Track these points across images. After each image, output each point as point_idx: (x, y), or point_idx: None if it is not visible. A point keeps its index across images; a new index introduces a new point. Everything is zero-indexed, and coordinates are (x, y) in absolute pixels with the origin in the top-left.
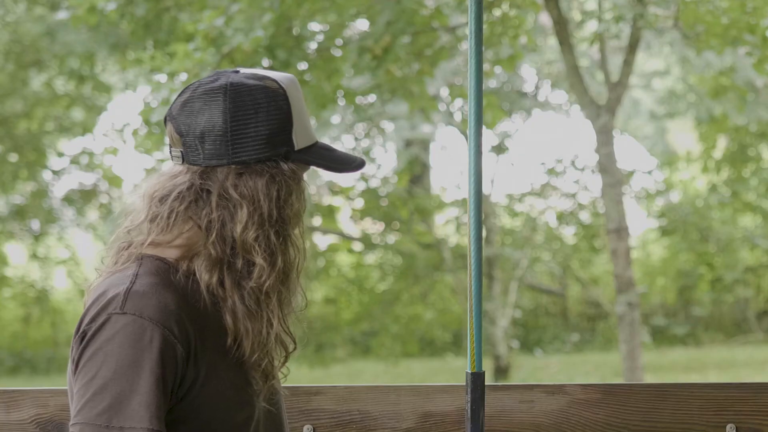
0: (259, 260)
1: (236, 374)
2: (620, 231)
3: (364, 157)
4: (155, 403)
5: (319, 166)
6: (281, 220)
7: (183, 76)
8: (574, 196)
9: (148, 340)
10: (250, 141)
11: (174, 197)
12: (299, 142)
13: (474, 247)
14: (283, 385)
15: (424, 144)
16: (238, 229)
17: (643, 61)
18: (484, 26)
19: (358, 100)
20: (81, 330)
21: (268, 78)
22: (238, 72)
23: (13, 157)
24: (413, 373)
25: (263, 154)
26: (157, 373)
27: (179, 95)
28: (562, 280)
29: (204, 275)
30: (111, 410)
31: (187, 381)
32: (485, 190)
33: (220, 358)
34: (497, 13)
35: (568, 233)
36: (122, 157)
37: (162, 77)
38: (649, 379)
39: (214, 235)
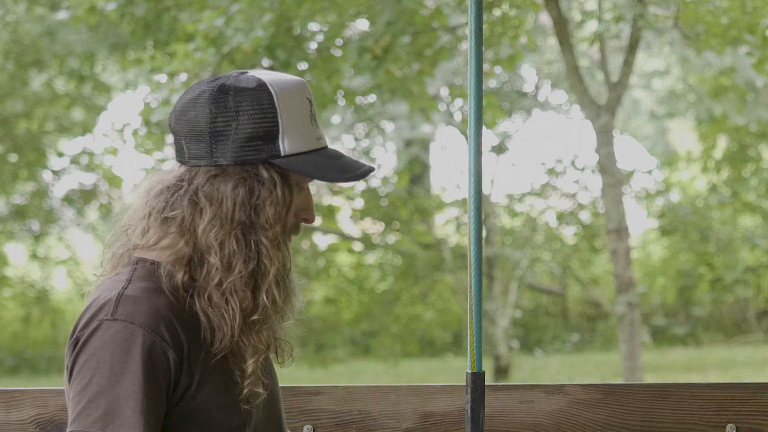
0: (213, 259)
1: (229, 378)
2: (620, 231)
3: (373, 165)
4: (149, 409)
5: (307, 174)
6: (248, 225)
7: (183, 77)
8: (574, 196)
9: (139, 346)
10: (230, 144)
11: (155, 195)
12: (290, 147)
13: (474, 247)
14: (282, 385)
15: (424, 144)
16: (200, 229)
17: (643, 61)
18: (484, 26)
19: (358, 100)
20: (74, 336)
21: (263, 80)
22: (245, 73)
23: (13, 157)
24: (413, 373)
25: (241, 158)
26: (149, 379)
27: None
28: (562, 280)
29: (176, 274)
30: (106, 417)
31: (181, 386)
32: (485, 190)
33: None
34: (497, 13)
35: (568, 233)
36: (122, 157)
37: (162, 77)
38: (649, 379)
39: (183, 234)
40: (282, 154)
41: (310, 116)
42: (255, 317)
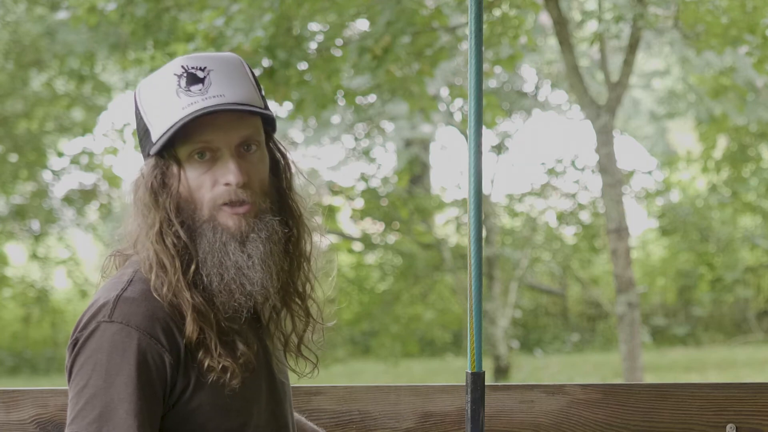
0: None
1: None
2: (620, 231)
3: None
4: (143, 411)
5: (162, 148)
6: (139, 216)
7: None
8: (574, 196)
9: (134, 348)
10: (142, 149)
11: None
12: (158, 131)
13: (474, 247)
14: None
15: (424, 144)
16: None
17: (643, 61)
18: (484, 26)
19: (358, 100)
20: (74, 337)
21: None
22: None
23: (13, 157)
24: (413, 373)
25: (145, 159)
26: (144, 382)
27: None
28: (562, 280)
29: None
30: (101, 419)
31: (178, 389)
32: (485, 190)
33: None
34: (497, 13)
35: (568, 233)
36: (122, 157)
37: None
38: (649, 379)
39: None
40: (154, 141)
41: (176, 89)
42: (201, 309)
